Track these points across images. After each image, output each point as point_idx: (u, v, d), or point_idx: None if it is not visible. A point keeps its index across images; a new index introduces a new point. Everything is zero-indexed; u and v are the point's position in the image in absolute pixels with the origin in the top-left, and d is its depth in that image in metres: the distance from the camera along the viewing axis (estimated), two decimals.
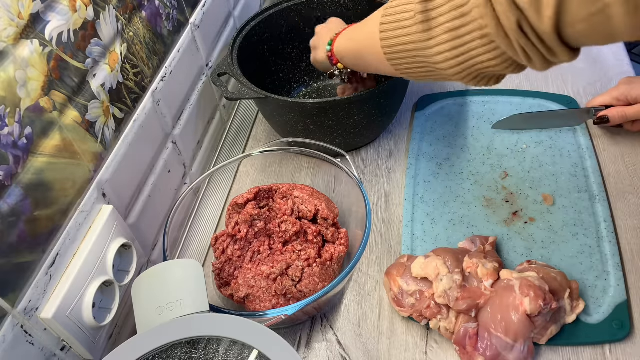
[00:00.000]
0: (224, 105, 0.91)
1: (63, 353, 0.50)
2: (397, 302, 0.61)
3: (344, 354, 0.61)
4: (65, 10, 0.50)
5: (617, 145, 0.77)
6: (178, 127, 0.74)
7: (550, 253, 0.65)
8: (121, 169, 0.59)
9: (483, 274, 0.58)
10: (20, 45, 0.44)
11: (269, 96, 0.72)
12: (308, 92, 0.94)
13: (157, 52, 0.68)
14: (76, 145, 0.52)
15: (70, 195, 0.51)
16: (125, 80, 0.61)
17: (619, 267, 0.62)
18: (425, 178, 0.77)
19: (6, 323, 0.43)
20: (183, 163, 0.76)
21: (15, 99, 0.44)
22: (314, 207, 0.65)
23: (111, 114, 0.58)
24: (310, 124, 0.76)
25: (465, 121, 0.85)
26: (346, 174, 0.66)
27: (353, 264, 0.56)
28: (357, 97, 0.71)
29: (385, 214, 0.74)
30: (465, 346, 0.57)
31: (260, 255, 0.65)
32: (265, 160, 0.81)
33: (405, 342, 0.61)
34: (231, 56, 0.78)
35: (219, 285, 0.64)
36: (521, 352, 0.55)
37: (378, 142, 0.84)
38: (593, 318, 0.59)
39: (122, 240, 0.57)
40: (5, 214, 0.43)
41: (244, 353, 0.43)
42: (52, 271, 0.48)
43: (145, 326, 0.48)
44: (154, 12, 0.67)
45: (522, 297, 0.55)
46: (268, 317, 0.53)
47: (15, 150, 0.44)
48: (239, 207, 0.67)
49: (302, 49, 0.92)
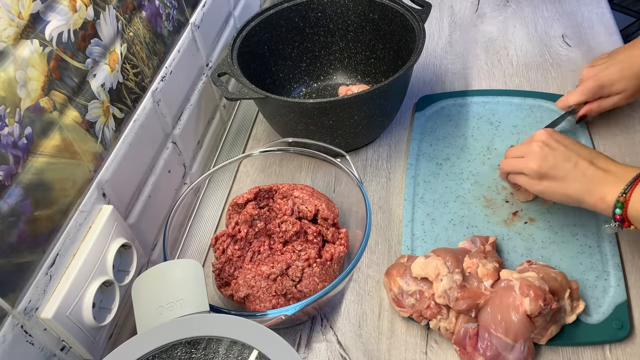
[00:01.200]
0: (224, 105, 0.91)
1: (63, 353, 0.50)
2: (397, 302, 0.61)
3: (344, 354, 0.61)
4: (65, 10, 0.50)
5: (617, 145, 0.77)
6: (178, 127, 0.74)
7: (550, 253, 0.65)
8: (121, 169, 0.59)
9: (483, 274, 0.58)
10: (20, 45, 0.44)
11: (269, 96, 0.72)
12: (308, 92, 0.94)
13: (157, 52, 0.68)
14: (76, 145, 0.52)
15: (70, 195, 0.51)
16: (125, 80, 0.61)
17: (619, 267, 0.62)
18: (425, 178, 0.77)
19: (6, 323, 0.43)
20: (183, 163, 0.76)
21: (15, 99, 0.44)
22: (314, 207, 0.65)
23: (111, 114, 0.58)
24: (310, 124, 0.76)
25: (465, 121, 0.85)
26: (346, 174, 0.66)
27: (353, 264, 0.56)
28: (357, 97, 0.71)
29: (385, 214, 0.74)
30: (465, 346, 0.57)
31: (260, 255, 0.65)
32: (265, 160, 0.81)
33: (405, 342, 0.61)
34: (231, 56, 0.78)
35: (219, 285, 0.64)
36: (521, 352, 0.55)
37: (378, 142, 0.84)
38: (593, 318, 0.59)
39: (122, 240, 0.57)
40: (5, 214, 0.43)
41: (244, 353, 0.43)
42: (52, 271, 0.48)
43: (145, 326, 0.48)
44: (154, 12, 0.67)
45: (521, 297, 0.55)
46: (268, 317, 0.53)
47: (15, 150, 0.44)
48: (239, 207, 0.67)
49: (302, 49, 0.92)
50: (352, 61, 0.94)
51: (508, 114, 0.84)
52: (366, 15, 0.88)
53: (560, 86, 0.89)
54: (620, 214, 0.56)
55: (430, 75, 0.95)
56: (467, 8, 1.10)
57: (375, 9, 0.86)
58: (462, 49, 1.00)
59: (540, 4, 1.07)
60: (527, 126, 0.82)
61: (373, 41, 0.90)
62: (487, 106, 0.86)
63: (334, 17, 0.89)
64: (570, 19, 1.02)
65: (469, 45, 1.01)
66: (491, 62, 0.96)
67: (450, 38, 1.03)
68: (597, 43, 0.96)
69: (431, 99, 0.89)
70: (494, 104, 0.87)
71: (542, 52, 0.96)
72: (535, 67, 0.93)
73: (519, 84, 0.91)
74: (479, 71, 0.95)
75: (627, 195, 0.55)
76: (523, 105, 0.85)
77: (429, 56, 0.99)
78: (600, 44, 0.95)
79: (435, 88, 0.92)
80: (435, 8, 1.11)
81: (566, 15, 1.03)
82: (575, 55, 0.94)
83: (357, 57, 0.93)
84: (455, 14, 1.09)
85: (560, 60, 0.94)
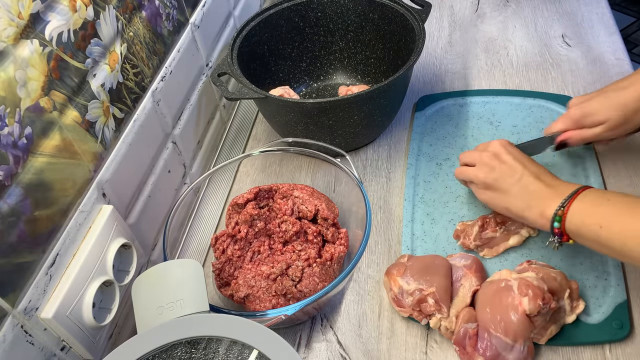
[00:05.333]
0: (224, 105, 0.91)
1: (63, 353, 0.50)
2: (397, 302, 0.61)
3: (344, 354, 0.61)
4: (65, 10, 0.50)
5: (617, 145, 0.77)
6: (178, 127, 0.74)
7: (550, 253, 0.65)
8: (121, 169, 0.59)
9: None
10: (20, 45, 0.44)
11: (269, 96, 0.72)
12: (308, 92, 0.94)
13: (157, 52, 0.68)
14: (76, 145, 0.52)
15: (70, 195, 0.51)
16: (125, 80, 0.61)
17: (619, 267, 0.62)
18: (425, 178, 0.77)
19: (6, 323, 0.43)
20: (183, 163, 0.76)
21: (15, 99, 0.44)
22: (314, 207, 0.65)
23: (111, 114, 0.58)
24: (310, 124, 0.76)
25: (465, 121, 0.85)
26: (346, 174, 0.66)
27: (353, 264, 0.56)
28: (357, 97, 0.71)
29: (385, 214, 0.74)
30: (465, 346, 0.57)
31: (260, 255, 0.65)
32: (265, 160, 0.81)
33: (405, 342, 0.61)
34: (231, 56, 0.78)
35: (219, 285, 0.64)
36: (521, 352, 0.55)
37: (378, 142, 0.84)
38: (593, 318, 0.59)
39: (122, 240, 0.57)
40: (5, 214, 0.43)
41: (244, 353, 0.43)
42: (52, 271, 0.48)
43: (145, 326, 0.48)
44: (154, 12, 0.67)
45: (520, 297, 0.55)
46: (268, 317, 0.53)
47: (15, 150, 0.44)
48: (239, 207, 0.67)
49: (302, 49, 0.92)
50: (352, 61, 0.94)
51: (508, 114, 0.84)
52: (366, 15, 0.88)
53: (560, 86, 0.89)
54: (558, 228, 0.56)
55: (430, 75, 0.95)
56: (467, 8, 1.10)
57: (375, 9, 0.86)
58: (462, 49, 1.00)
59: (540, 4, 1.07)
60: (527, 126, 0.82)
61: (373, 41, 0.90)
62: (487, 106, 0.86)
63: (334, 17, 0.89)
64: (570, 19, 1.02)
65: (469, 45, 1.01)
66: (491, 62, 0.96)
67: (450, 38, 1.03)
68: (597, 43, 0.96)
69: (431, 99, 0.89)
70: (494, 104, 0.87)
71: (542, 52, 0.96)
72: (535, 67, 0.93)
73: (519, 84, 0.91)
74: (479, 71, 0.95)
75: (565, 208, 0.55)
76: (523, 105, 0.85)
77: (429, 56, 0.99)
78: (600, 44, 0.95)
79: (435, 88, 0.92)
80: (435, 8, 1.11)
81: (566, 15, 1.03)
82: (575, 55, 0.94)
83: (357, 57, 0.93)
84: (455, 14, 1.09)
85: (560, 60, 0.94)
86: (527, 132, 0.81)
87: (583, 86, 0.88)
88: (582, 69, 0.91)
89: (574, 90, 0.88)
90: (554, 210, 0.56)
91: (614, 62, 0.91)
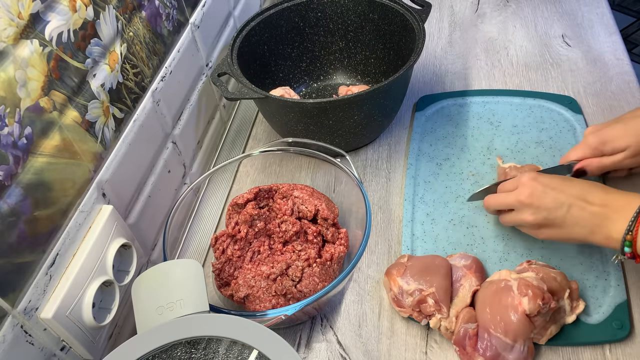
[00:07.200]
0: (224, 105, 0.91)
1: (63, 353, 0.50)
2: (397, 302, 0.61)
3: (344, 354, 0.61)
4: (65, 10, 0.50)
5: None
6: (178, 127, 0.74)
7: (550, 253, 0.65)
8: (121, 169, 0.59)
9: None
10: (20, 45, 0.44)
11: (269, 96, 0.72)
12: (308, 92, 0.94)
13: (157, 52, 0.68)
14: (76, 145, 0.52)
15: (70, 195, 0.51)
16: (125, 80, 0.61)
17: (619, 267, 0.62)
18: (425, 178, 0.77)
19: (6, 323, 0.43)
20: (183, 163, 0.76)
21: (15, 99, 0.44)
22: (314, 207, 0.65)
23: (111, 114, 0.58)
24: (310, 124, 0.76)
25: (465, 121, 0.85)
26: (346, 174, 0.66)
27: (353, 264, 0.56)
28: (357, 97, 0.71)
29: (385, 214, 0.74)
30: (465, 346, 0.57)
31: (260, 255, 0.65)
32: (265, 160, 0.81)
33: (405, 342, 0.61)
34: (231, 56, 0.78)
35: (219, 285, 0.64)
36: (521, 352, 0.55)
37: (378, 142, 0.84)
38: (593, 318, 0.59)
39: (122, 240, 0.57)
40: (5, 214, 0.43)
41: (244, 353, 0.43)
42: (52, 271, 0.48)
43: (145, 326, 0.48)
44: (154, 12, 0.67)
45: (520, 297, 0.55)
46: (268, 317, 0.53)
47: (15, 150, 0.44)
48: (239, 207, 0.67)
49: (302, 49, 0.92)
50: (352, 61, 0.94)
51: (508, 114, 0.84)
52: (366, 15, 0.88)
53: (561, 86, 0.89)
54: (630, 252, 0.54)
55: (430, 75, 0.95)
56: (467, 8, 1.10)
57: (375, 9, 0.86)
58: (462, 49, 1.00)
59: (540, 4, 1.07)
60: (527, 126, 0.82)
61: (373, 41, 0.90)
62: (487, 106, 0.86)
63: (334, 17, 0.89)
64: (570, 19, 1.02)
65: (469, 45, 1.01)
66: (491, 62, 0.96)
67: (450, 38, 1.03)
68: (597, 43, 0.96)
69: (431, 99, 0.89)
70: (494, 104, 0.87)
71: (542, 52, 0.96)
72: (535, 67, 0.93)
73: (519, 84, 0.91)
74: (479, 71, 0.95)
75: (633, 232, 0.53)
76: (523, 105, 0.85)
77: (429, 56, 0.99)
78: (600, 44, 0.95)
79: (435, 88, 0.92)
80: (435, 8, 1.11)
81: (566, 15, 1.03)
82: (575, 55, 0.94)
83: (357, 57, 0.93)
84: (455, 14, 1.09)
85: (560, 60, 0.94)
86: (527, 132, 0.81)
87: (583, 86, 0.88)
88: (582, 69, 0.91)
89: (574, 90, 0.88)
90: (622, 236, 0.54)
91: (614, 62, 0.91)
